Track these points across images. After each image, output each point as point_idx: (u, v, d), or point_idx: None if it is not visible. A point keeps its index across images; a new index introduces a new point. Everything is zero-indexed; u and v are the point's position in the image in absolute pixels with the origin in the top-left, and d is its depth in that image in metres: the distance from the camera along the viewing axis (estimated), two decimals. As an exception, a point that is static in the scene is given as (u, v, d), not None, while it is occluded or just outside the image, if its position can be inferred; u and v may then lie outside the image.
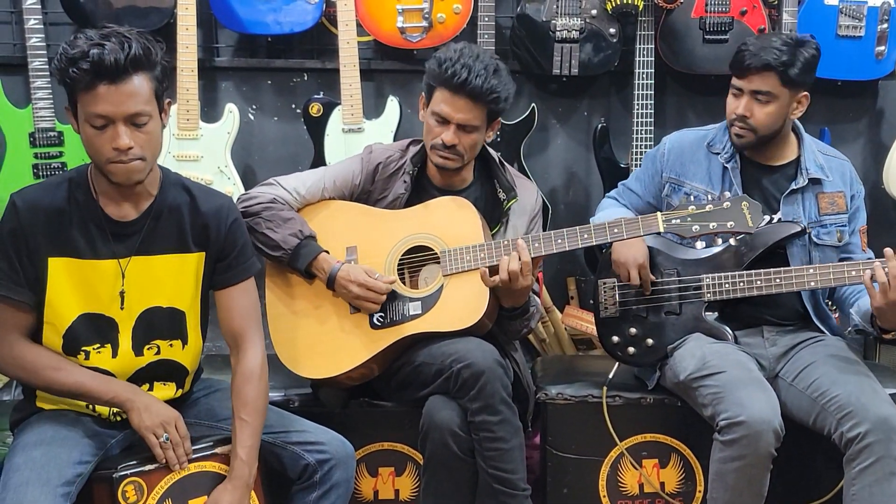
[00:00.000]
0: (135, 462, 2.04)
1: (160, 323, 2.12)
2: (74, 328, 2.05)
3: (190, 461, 2.07)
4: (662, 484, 2.68)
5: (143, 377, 2.13)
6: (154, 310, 2.10)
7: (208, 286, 2.18)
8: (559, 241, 2.44)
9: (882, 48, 3.37)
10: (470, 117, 2.45)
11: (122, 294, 2.06)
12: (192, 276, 2.14)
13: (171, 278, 2.11)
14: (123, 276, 2.06)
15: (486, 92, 2.42)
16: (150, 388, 2.14)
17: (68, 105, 1.96)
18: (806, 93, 2.59)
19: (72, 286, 2.03)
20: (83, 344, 2.06)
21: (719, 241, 2.59)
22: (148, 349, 2.11)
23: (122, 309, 2.07)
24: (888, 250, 2.31)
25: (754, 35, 3.19)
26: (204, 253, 2.14)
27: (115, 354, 2.08)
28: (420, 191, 2.61)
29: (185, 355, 2.17)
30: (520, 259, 2.37)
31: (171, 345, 2.14)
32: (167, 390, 2.17)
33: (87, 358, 2.07)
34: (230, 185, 3.24)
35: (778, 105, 2.55)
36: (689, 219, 2.39)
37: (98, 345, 2.07)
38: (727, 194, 2.48)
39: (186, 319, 2.15)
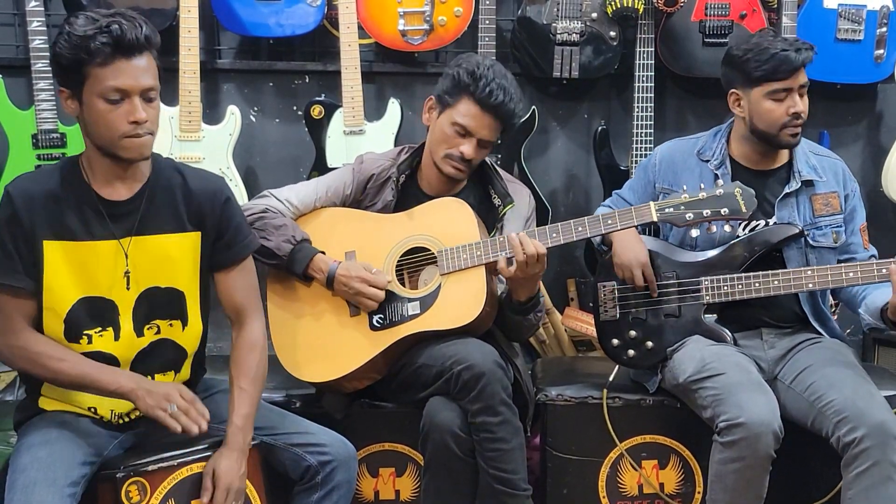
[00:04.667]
0: (138, 462, 2.04)
1: (159, 303, 2.12)
2: (75, 312, 2.05)
3: (192, 461, 2.08)
4: (662, 485, 2.69)
5: (144, 363, 2.12)
6: (153, 290, 2.11)
7: (208, 266, 2.18)
8: (554, 234, 2.45)
9: (881, 52, 3.38)
10: (493, 135, 2.52)
11: (126, 274, 2.07)
12: (189, 255, 2.14)
13: (170, 258, 2.12)
14: (127, 257, 2.07)
15: (513, 115, 2.51)
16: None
17: (63, 86, 1.98)
18: None
19: (69, 269, 2.03)
20: (84, 328, 2.06)
21: (714, 227, 2.61)
22: (148, 329, 2.12)
23: (127, 290, 2.08)
24: None
25: (750, 35, 3.11)
26: (200, 233, 2.14)
27: (117, 337, 2.09)
28: (409, 198, 2.62)
29: (186, 337, 2.17)
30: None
31: (170, 325, 2.14)
32: (166, 379, 2.16)
33: (90, 342, 2.06)
34: (232, 186, 3.23)
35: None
36: (682, 207, 2.40)
37: (99, 328, 2.07)
38: (720, 181, 2.48)
39: (186, 299, 2.15)
